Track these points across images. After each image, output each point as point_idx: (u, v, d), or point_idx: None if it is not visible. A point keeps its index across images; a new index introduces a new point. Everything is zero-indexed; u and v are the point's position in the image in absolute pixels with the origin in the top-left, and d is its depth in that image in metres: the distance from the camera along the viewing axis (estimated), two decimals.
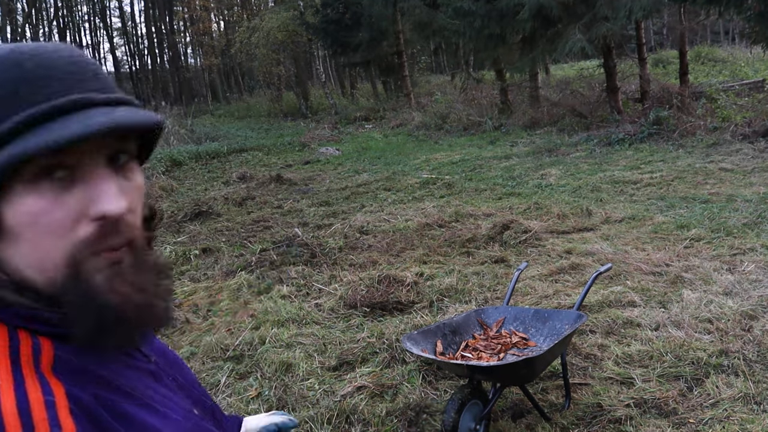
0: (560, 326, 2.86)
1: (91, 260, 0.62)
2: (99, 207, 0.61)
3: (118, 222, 0.62)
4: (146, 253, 0.67)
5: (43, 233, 0.60)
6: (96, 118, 0.58)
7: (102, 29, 46.29)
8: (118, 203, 0.61)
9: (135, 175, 0.67)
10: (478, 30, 11.53)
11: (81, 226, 0.61)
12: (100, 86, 0.64)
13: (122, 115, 0.60)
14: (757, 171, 7.07)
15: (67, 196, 0.61)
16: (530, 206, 6.50)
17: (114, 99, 0.64)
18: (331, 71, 30.68)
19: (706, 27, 28.34)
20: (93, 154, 0.62)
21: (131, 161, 0.67)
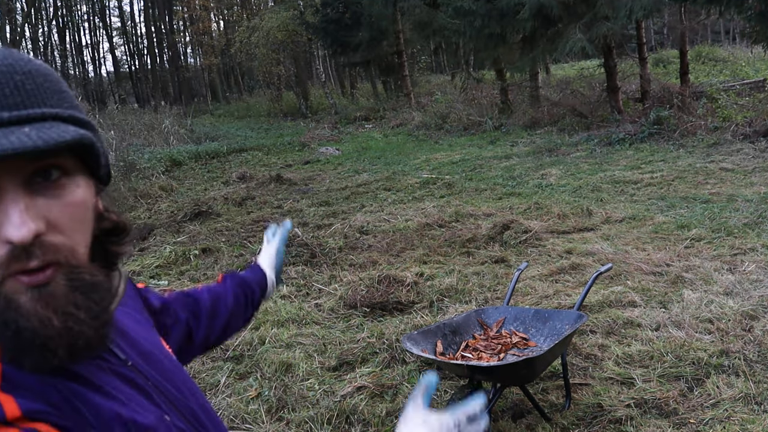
0: (560, 326, 2.85)
1: (10, 282, 0.60)
2: (3, 232, 0.60)
3: (29, 246, 0.60)
4: (79, 273, 0.64)
5: None
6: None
7: (101, 29, 46.29)
8: (20, 229, 0.59)
9: (68, 192, 0.64)
10: (478, 29, 11.52)
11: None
12: (17, 101, 0.61)
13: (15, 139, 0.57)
14: (758, 171, 7.06)
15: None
16: (530, 206, 6.49)
17: (25, 116, 0.60)
18: (331, 71, 30.67)
19: (707, 26, 28.34)
20: (8, 173, 0.60)
21: (66, 177, 0.64)
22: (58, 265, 0.62)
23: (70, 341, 0.62)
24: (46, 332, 0.60)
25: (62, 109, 0.64)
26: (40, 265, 0.61)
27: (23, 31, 30.97)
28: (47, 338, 0.61)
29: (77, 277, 0.64)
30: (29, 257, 0.60)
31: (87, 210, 0.67)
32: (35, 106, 0.62)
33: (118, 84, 44.09)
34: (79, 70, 43.19)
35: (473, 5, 11.39)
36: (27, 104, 0.61)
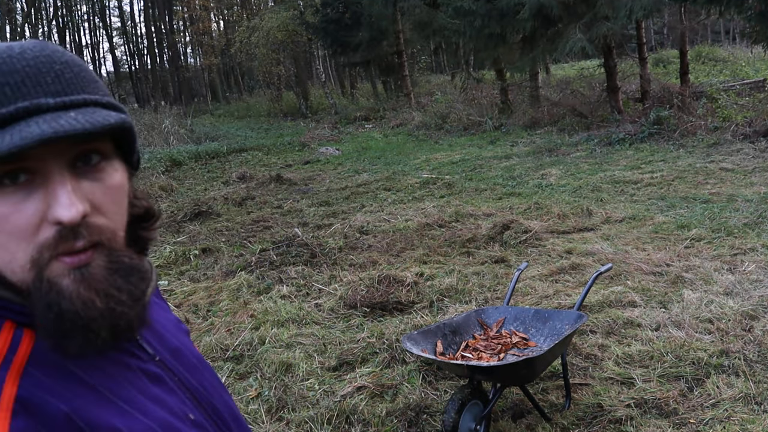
0: (560, 326, 2.85)
1: (54, 264, 0.62)
2: (52, 213, 0.61)
3: (76, 226, 0.62)
4: (119, 256, 0.66)
5: (6, 237, 0.62)
6: (35, 128, 0.58)
7: (101, 29, 46.30)
8: (69, 210, 0.61)
9: (108, 176, 0.66)
10: (478, 29, 11.52)
11: (43, 230, 0.62)
12: (58, 89, 0.63)
13: (64, 122, 0.59)
14: (758, 171, 7.06)
15: (28, 201, 0.62)
16: (530, 206, 6.49)
17: (69, 102, 0.62)
18: (331, 71, 30.67)
19: (707, 26, 28.34)
20: (53, 157, 0.62)
21: (105, 161, 0.67)
22: (101, 247, 0.64)
23: (113, 322, 0.64)
24: (89, 313, 0.62)
25: (100, 96, 0.66)
26: (85, 245, 0.63)
27: (23, 31, 30.95)
28: (90, 319, 0.62)
29: (117, 259, 0.66)
30: (76, 237, 0.62)
31: (124, 194, 0.69)
32: (76, 93, 0.64)
33: (118, 84, 44.07)
34: None
35: (473, 5, 11.39)
36: (68, 91, 0.64)
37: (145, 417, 0.68)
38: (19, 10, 32.59)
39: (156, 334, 0.79)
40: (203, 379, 0.81)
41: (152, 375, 0.73)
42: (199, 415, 0.76)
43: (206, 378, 0.82)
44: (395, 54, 18.59)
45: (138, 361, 0.72)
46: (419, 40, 19.27)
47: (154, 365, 0.74)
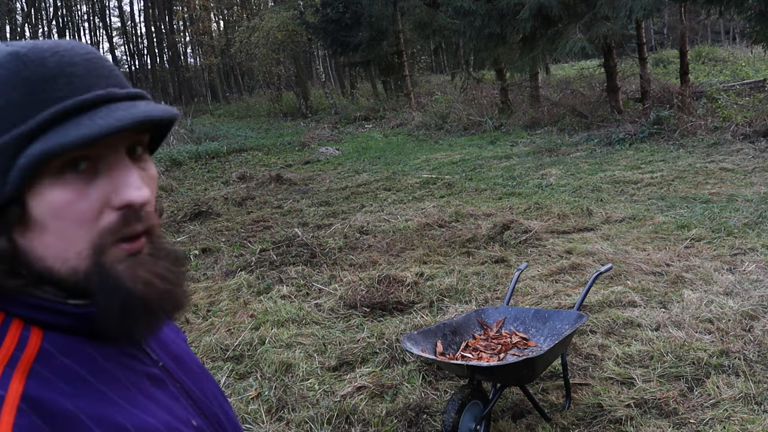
0: (560, 326, 2.85)
1: (113, 250, 0.64)
2: (124, 196, 0.64)
3: (140, 210, 0.65)
4: (162, 242, 0.70)
5: (68, 224, 0.63)
6: (122, 112, 0.61)
7: (101, 29, 46.30)
8: (141, 192, 0.64)
9: (149, 167, 0.70)
10: (478, 29, 11.51)
11: (104, 215, 0.64)
12: (117, 82, 0.66)
13: (145, 109, 0.62)
14: (758, 171, 7.06)
15: (90, 188, 0.63)
16: (530, 206, 6.49)
17: (133, 94, 0.66)
18: (331, 71, 30.66)
19: (707, 27, 28.34)
20: (115, 146, 0.64)
21: (145, 153, 0.70)
22: (149, 234, 0.68)
23: (169, 303, 0.68)
24: (152, 293, 0.65)
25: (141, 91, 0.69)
26: (144, 229, 0.66)
27: (23, 31, 30.95)
28: (153, 299, 0.65)
29: (160, 246, 0.69)
30: (138, 221, 0.65)
31: (157, 184, 0.72)
32: (128, 87, 0.67)
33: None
34: None
35: (473, 5, 11.39)
36: (123, 85, 0.67)
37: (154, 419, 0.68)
38: (19, 10, 32.58)
39: (159, 341, 0.80)
40: (204, 387, 0.81)
41: (156, 379, 0.74)
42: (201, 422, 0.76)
43: (207, 386, 0.82)
44: (395, 54, 18.59)
45: (142, 365, 0.73)
46: (419, 40, 19.28)
47: (158, 370, 0.75)
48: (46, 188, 0.62)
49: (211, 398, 0.81)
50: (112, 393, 0.67)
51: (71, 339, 0.66)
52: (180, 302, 0.70)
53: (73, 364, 0.65)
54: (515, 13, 10.85)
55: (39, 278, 0.65)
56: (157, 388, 0.72)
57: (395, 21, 17.32)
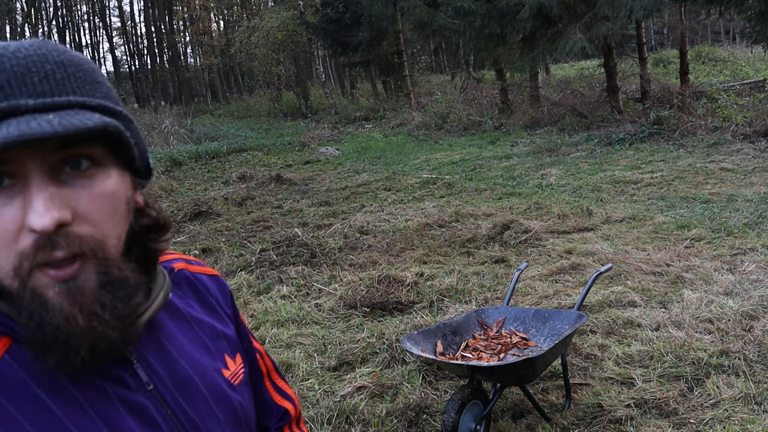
0: (560, 326, 2.85)
1: (38, 275, 0.60)
2: (26, 220, 0.59)
3: (54, 235, 0.59)
4: (108, 268, 0.63)
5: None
6: (3, 131, 0.55)
7: (101, 29, 46.30)
8: (43, 217, 0.58)
9: (98, 182, 0.63)
10: (478, 29, 11.51)
11: (22, 237, 0.59)
12: (45, 89, 0.60)
13: (35, 125, 0.56)
14: (758, 171, 7.06)
15: (7, 207, 0.59)
16: (530, 206, 6.49)
17: (50, 104, 0.60)
18: (331, 71, 30.66)
19: (707, 26, 28.34)
20: (35, 161, 0.59)
21: (96, 167, 0.63)
22: (85, 258, 0.61)
23: (93, 342, 0.61)
24: (69, 330, 0.59)
25: (91, 98, 0.63)
26: (66, 256, 0.60)
27: (23, 31, 30.94)
28: (70, 335, 0.60)
29: (106, 271, 0.63)
30: (54, 247, 0.59)
31: (118, 202, 0.65)
32: (62, 94, 0.61)
33: (118, 84, 44.06)
34: None
35: (473, 5, 11.39)
36: (54, 92, 0.61)
37: None
38: (19, 10, 32.58)
39: (164, 357, 0.74)
40: (208, 419, 0.75)
41: (133, 406, 0.68)
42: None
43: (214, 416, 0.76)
44: (395, 54, 18.59)
45: (121, 389, 0.68)
46: (419, 40, 19.27)
47: (142, 395, 0.69)
48: None
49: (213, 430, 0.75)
50: (68, 421, 0.63)
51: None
52: (109, 343, 0.62)
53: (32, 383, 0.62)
54: (515, 13, 10.85)
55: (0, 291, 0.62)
56: (131, 417, 0.67)
57: (395, 21, 17.32)
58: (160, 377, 0.72)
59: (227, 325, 0.87)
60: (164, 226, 0.75)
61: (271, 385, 0.97)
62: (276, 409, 0.96)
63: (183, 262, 0.86)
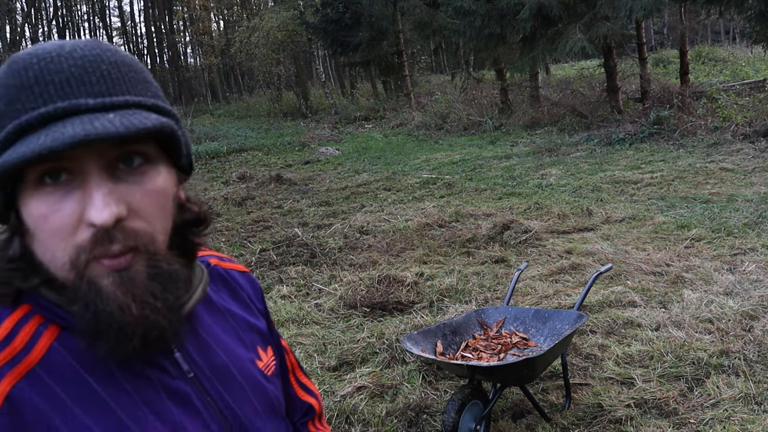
0: (560, 326, 2.85)
1: (94, 265, 0.62)
2: (86, 215, 0.61)
3: (111, 230, 0.61)
4: (158, 261, 0.65)
5: (47, 236, 0.62)
6: (68, 130, 0.57)
7: (101, 29, 46.29)
8: (102, 212, 0.60)
9: (149, 179, 0.66)
10: (478, 29, 11.51)
11: (80, 231, 0.62)
12: (102, 89, 0.62)
13: (99, 125, 0.58)
14: (758, 171, 7.06)
15: (66, 201, 0.62)
16: (530, 206, 6.49)
17: (110, 103, 0.62)
18: (331, 71, 30.66)
19: (707, 27, 28.34)
20: (92, 158, 0.62)
21: (148, 164, 0.66)
22: (137, 251, 0.64)
23: (145, 330, 0.63)
24: (123, 318, 0.62)
25: (145, 98, 0.66)
26: (122, 250, 0.62)
27: (23, 31, 30.96)
28: (124, 324, 0.62)
29: (156, 264, 0.65)
30: (111, 241, 0.62)
31: (167, 198, 0.68)
32: (119, 94, 0.63)
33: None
34: None
35: (473, 5, 11.39)
36: (112, 92, 0.63)
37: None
38: (19, 10, 32.58)
39: (202, 347, 0.76)
40: (245, 405, 0.77)
41: (175, 393, 0.71)
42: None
43: (250, 404, 0.78)
44: (395, 54, 18.58)
45: (164, 375, 0.70)
46: (419, 40, 19.27)
47: (184, 383, 0.72)
48: (27, 198, 0.62)
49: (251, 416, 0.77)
50: (116, 405, 0.66)
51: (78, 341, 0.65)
52: (160, 332, 0.64)
53: (81, 370, 0.65)
54: (515, 13, 10.85)
55: (51, 280, 0.65)
56: (173, 403, 0.70)
57: (395, 21, 17.32)
58: (199, 366, 0.74)
59: (259, 319, 0.89)
60: (205, 220, 0.77)
61: (296, 381, 1.00)
62: (300, 404, 1.00)
63: (216, 259, 0.89)
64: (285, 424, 0.87)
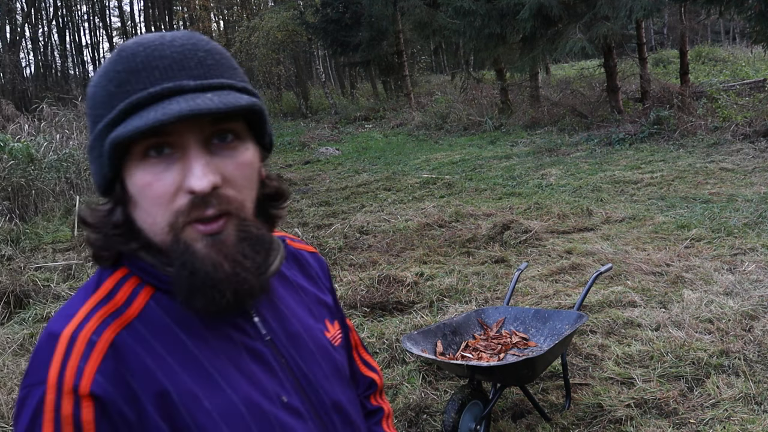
0: (560, 326, 2.85)
1: (189, 229, 0.70)
2: (186, 183, 0.70)
3: (207, 196, 0.69)
4: (247, 226, 0.73)
5: (150, 203, 0.71)
6: (175, 106, 0.66)
7: (101, 29, 46.27)
8: (201, 180, 0.69)
9: (239, 153, 0.74)
10: (478, 29, 11.51)
11: (178, 198, 0.70)
12: (200, 72, 0.71)
13: (201, 102, 0.66)
14: (758, 171, 7.06)
15: (168, 172, 0.70)
16: (530, 206, 6.49)
17: (208, 85, 0.70)
18: (331, 71, 30.65)
19: (707, 26, 28.34)
20: (192, 133, 0.70)
21: (238, 140, 0.74)
22: (230, 216, 0.72)
23: (237, 286, 0.71)
24: (217, 275, 0.70)
25: (236, 81, 0.74)
26: (216, 213, 0.71)
27: (23, 31, 30.97)
28: (218, 281, 0.70)
29: (245, 228, 0.73)
30: (206, 206, 0.70)
31: (254, 170, 0.76)
32: (215, 77, 0.72)
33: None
34: (79, 70, 43.16)
35: (473, 5, 11.38)
36: (208, 75, 0.72)
37: (230, 389, 0.74)
38: (19, 10, 32.58)
39: (278, 314, 0.83)
40: (316, 369, 0.84)
41: (255, 352, 0.78)
42: (296, 400, 0.79)
43: (320, 368, 0.84)
44: (395, 54, 18.58)
45: (244, 336, 0.77)
46: (419, 40, 19.26)
47: (261, 344, 0.79)
48: (133, 170, 0.71)
49: (321, 381, 0.84)
50: (203, 358, 0.73)
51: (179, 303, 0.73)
52: (250, 288, 0.72)
53: (173, 325, 0.74)
54: (515, 13, 10.85)
55: (148, 245, 0.74)
56: (253, 362, 0.77)
57: (395, 21, 17.31)
58: (275, 331, 0.81)
59: (326, 295, 0.96)
60: (283, 195, 0.85)
61: (359, 358, 1.07)
62: (363, 379, 1.07)
63: (288, 239, 0.97)
64: (350, 389, 0.92)
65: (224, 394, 0.73)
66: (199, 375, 0.72)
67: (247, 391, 0.74)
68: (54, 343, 0.70)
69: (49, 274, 5.34)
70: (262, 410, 0.75)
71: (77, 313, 0.72)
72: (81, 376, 0.67)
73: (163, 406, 0.70)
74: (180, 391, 0.71)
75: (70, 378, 0.67)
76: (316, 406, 0.82)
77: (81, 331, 0.70)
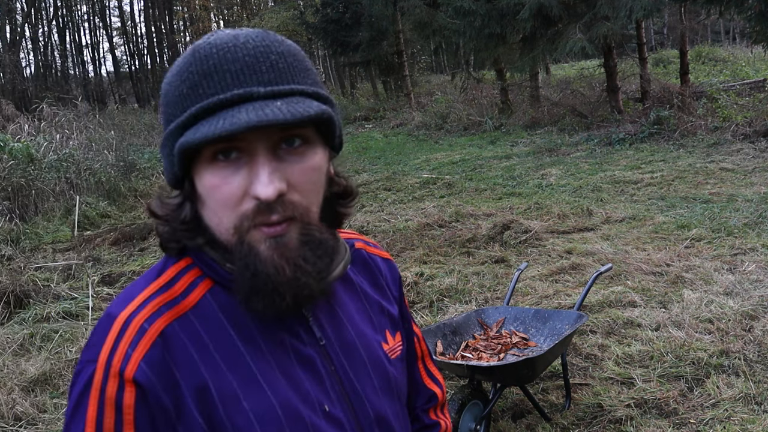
0: (560, 326, 2.85)
1: (254, 232, 0.71)
2: (252, 189, 0.70)
3: (273, 203, 0.70)
4: (311, 230, 0.74)
5: (217, 204, 0.72)
6: (243, 116, 0.66)
7: (101, 29, 46.25)
8: (267, 188, 0.69)
9: (307, 158, 0.73)
10: (478, 29, 11.51)
11: (245, 201, 0.71)
12: (271, 78, 0.70)
13: (269, 112, 0.66)
14: (758, 171, 7.06)
15: (235, 176, 0.71)
16: (530, 206, 6.49)
17: (278, 91, 0.70)
18: (331, 71, 30.67)
19: (707, 27, 28.34)
20: (260, 139, 0.70)
21: (306, 145, 0.73)
22: (293, 221, 0.72)
23: (297, 290, 0.72)
24: (278, 279, 0.71)
25: (307, 86, 0.73)
26: (280, 219, 0.71)
27: (23, 31, 30.97)
28: (278, 284, 0.71)
29: (308, 233, 0.74)
30: (271, 212, 0.71)
31: (321, 174, 0.76)
32: (285, 83, 0.71)
33: (118, 84, 44.04)
34: (79, 70, 43.15)
35: (473, 5, 11.38)
36: (279, 81, 0.71)
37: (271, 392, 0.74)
38: (19, 10, 32.58)
39: (335, 321, 0.83)
40: (365, 380, 0.83)
41: (304, 358, 0.78)
42: (339, 411, 0.79)
43: (370, 381, 0.84)
44: (395, 54, 18.58)
45: (296, 341, 0.78)
46: (419, 40, 19.26)
47: (312, 350, 0.79)
48: (202, 171, 0.72)
49: (369, 395, 0.83)
50: (249, 358, 0.74)
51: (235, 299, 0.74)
52: (309, 292, 0.73)
53: (225, 322, 0.75)
54: (515, 13, 10.85)
55: (213, 241, 0.76)
56: (301, 367, 0.77)
57: (395, 21, 17.32)
58: (329, 337, 0.81)
59: (392, 305, 0.95)
60: (351, 193, 0.85)
61: (423, 368, 1.04)
62: (425, 390, 1.04)
63: (363, 243, 0.98)
64: (401, 406, 0.90)
65: (264, 396, 0.73)
66: (242, 374, 0.73)
67: (288, 395, 0.75)
68: (110, 324, 0.73)
69: (49, 274, 5.35)
70: (300, 416, 0.75)
71: (135, 298, 0.75)
72: (128, 362, 0.70)
73: (202, 400, 0.71)
74: (220, 388, 0.72)
75: (118, 361, 0.70)
76: (359, 418, 0.81)
77: (135, 316, 0.73)
